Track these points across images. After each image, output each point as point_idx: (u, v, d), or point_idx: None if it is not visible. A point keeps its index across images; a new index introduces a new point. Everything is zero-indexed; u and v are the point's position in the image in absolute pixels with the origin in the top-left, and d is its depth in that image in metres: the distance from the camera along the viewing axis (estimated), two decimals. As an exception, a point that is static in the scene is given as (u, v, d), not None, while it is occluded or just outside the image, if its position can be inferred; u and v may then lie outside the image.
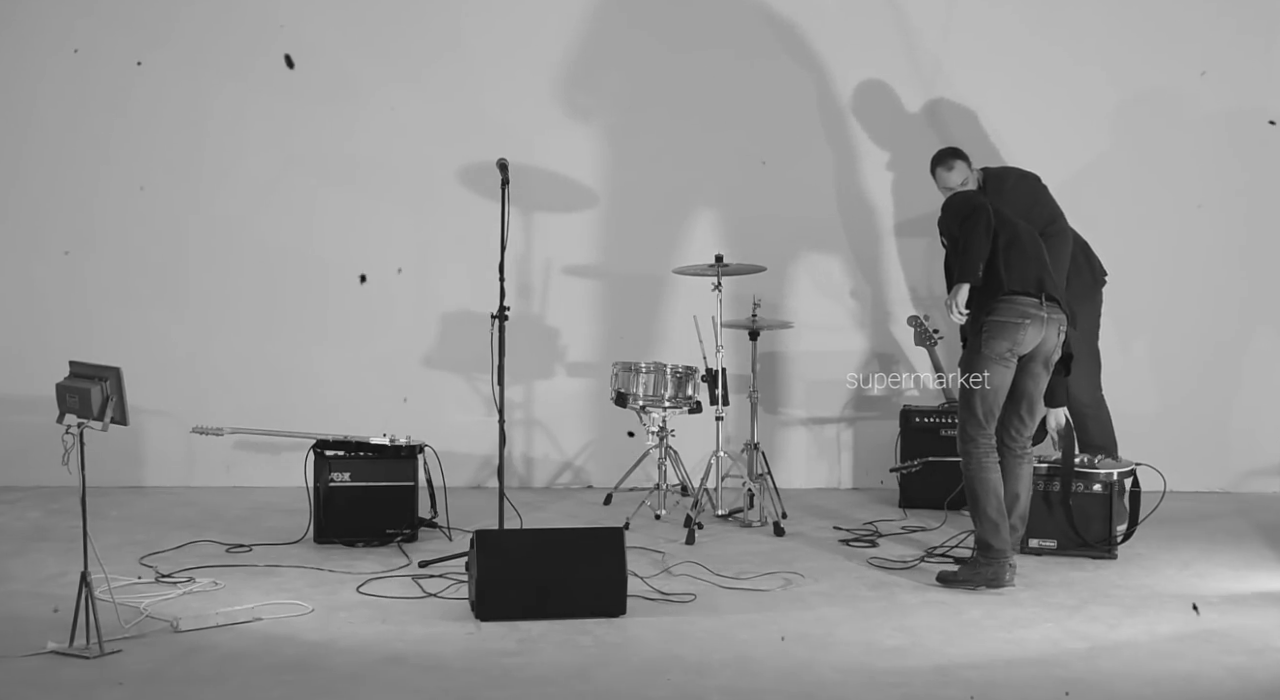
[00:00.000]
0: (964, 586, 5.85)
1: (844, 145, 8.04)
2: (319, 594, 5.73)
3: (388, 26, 8.01)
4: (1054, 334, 5.95)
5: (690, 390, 7.19)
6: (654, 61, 8.05)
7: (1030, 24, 7.99)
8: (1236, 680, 4.79)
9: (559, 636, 5.20)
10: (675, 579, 6.01)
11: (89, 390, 4.86)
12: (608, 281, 8.13)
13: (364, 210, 8.06)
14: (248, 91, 7.99)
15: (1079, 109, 7.93)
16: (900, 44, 7.97)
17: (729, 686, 4.71)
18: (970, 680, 4.75)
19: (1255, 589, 5.96)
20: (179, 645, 5.05)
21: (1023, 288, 5.88)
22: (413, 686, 4.68)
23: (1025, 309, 5.87)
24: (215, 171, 8.04)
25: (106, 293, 8.02)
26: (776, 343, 7.91)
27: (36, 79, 7.95)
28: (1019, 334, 5.87)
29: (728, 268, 7.15)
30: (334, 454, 6.65)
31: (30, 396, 7.38)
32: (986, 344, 5.87)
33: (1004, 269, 5.88)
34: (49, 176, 8.01)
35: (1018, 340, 5.87)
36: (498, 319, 6.30)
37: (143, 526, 6.94)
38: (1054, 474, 6.44)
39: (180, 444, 7.78)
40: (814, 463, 8.20)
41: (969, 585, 5.85)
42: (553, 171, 8.03)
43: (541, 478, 8.20)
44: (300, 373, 8.05)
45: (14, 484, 7.78)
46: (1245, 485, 7.97)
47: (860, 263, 8.10)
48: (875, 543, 6.77)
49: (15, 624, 5.26)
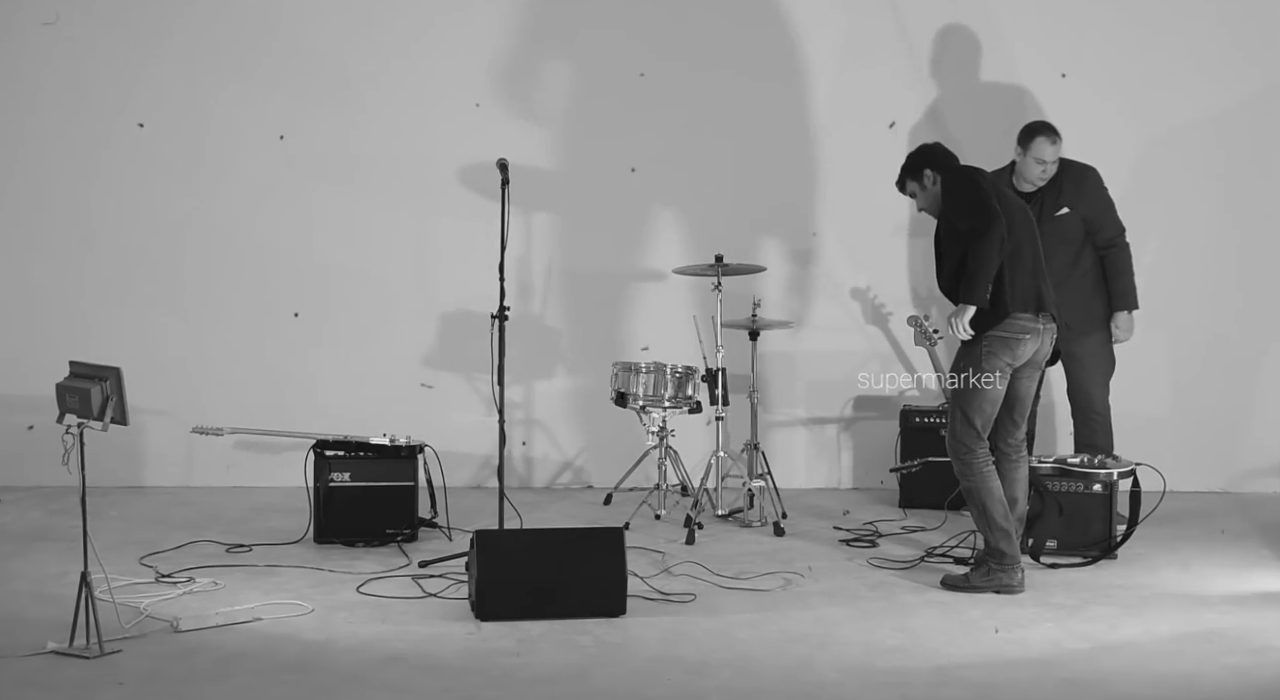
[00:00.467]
0: (975, 592, 5.83)
1: (845, 144, 8.04)
2: (319, 594, 5.73)
3: (388, 26, 8.01)
4: (1048, 342, 5.98)
5: (690, 390, 7.19)
6: (652, 62, 8.05)
7: (1028, 24, 8.01)
8: (1236, 680, 4.79)
9: (559, 636, 5.20)
10: (675, 579, 6.01)
11: (89, 390, 4.86)
12: (608, 281, 8.13)
13: (364, 210, 8.06)
14: (248, 91, 7.98)
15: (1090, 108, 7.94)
16: (901, 46, 7.99)
17: (729, 686, 4.71)
18: (970, 680, 4.76)
19: (1255, 589, 5.96)
20: (179, 645, 5.05)
21: (1024, 307, 5.85)
22: (413, 686, 4.68)
23: (1025, 325, 5.86)
24: (215, 171, 8.04)
25: (106, 293, 8.02)
26: (776, 343, 7.90)
27: (36, 79, 7.95)
28: (1019, 349, 5.86)
29: (728, 268, 7.15)
30: (334, 454, 6.65)
31: (30, 396, 7.38)
32: (986, 359, 5.83)
33: (1008, 289, 5.81)
34: (49, 176, 8.00)
35: (1016, 355, 5.87)
36: (498, 319, 6.30)
37: (143, 526, 6.93)
38: (1056, 474, 6.44)
39: (180, 444, 7.77)
40: (814, 463, 8.20)
41: (981, 592, 5.83)
42: (553, 171, 8.03)
43: (541, 478, 8.20)
44: (300, 373, 8.05)
45: (14, 484, 7.78)
46: (1245, 485, 7.97)
47: (860, 263, 8.10)
48: (875, 543, 6.77)
49: (15, 624, 5.26)
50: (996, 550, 5.86)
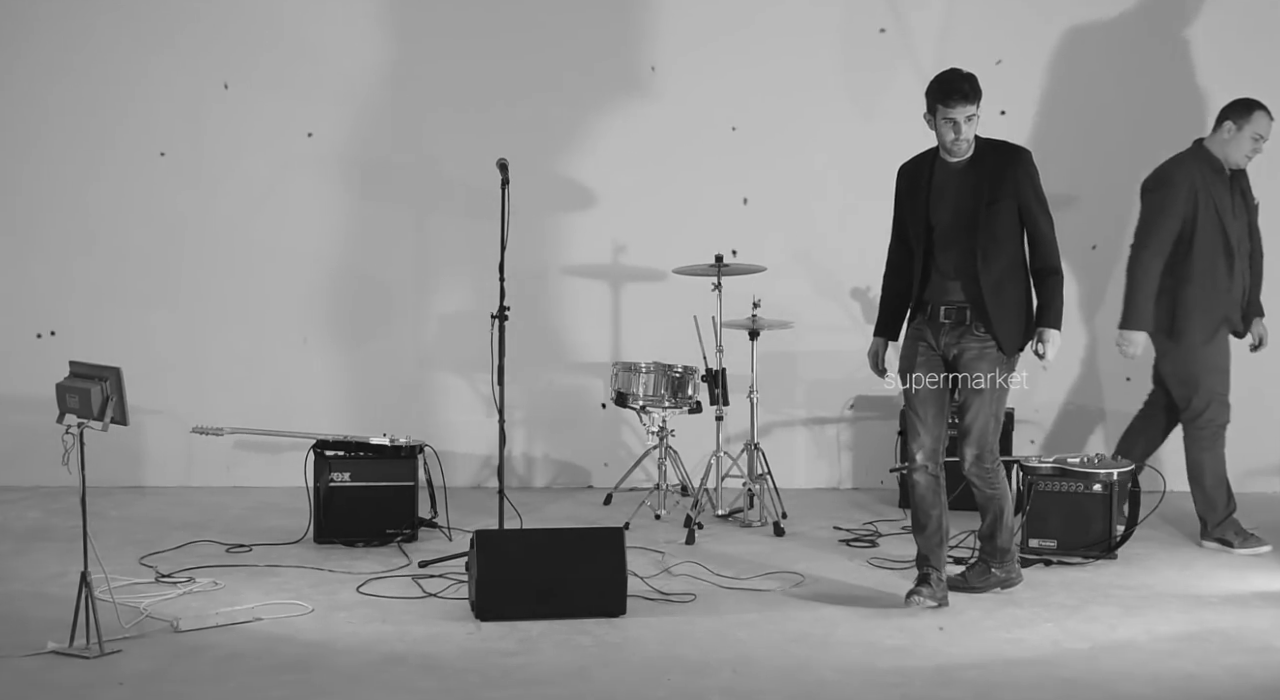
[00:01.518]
0: (975, 593, 5.80)
1: (845, 144, 8.04)
2: (319, 594, 5.73)
3: (388, 25, 8.01)
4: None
5: (690, 390, 7.19)
6: (653, 61, 8.05)
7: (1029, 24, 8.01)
8: (1236, 680, 4.79)
9: (559, 636, 5.20)
10: (675, 579, 6.01)
11: (89, 390, 4.86)
12: (608, 281, 8.13)
13: (365, 209, 8.06)
14: (248, 91, 7.99)
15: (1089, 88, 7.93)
16: (902, 46, 7.99)
17: (729, 686, 4.70)
18: (970, 680, 4.76)
19: (1255, 589, 5.97)
20: (179, 645, 5.05)
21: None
22: (413, 687, 4.68)
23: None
24: (216, 171, 8.04)
25: (105, 293, 8.02)
26: (776, 343, 7.90)
27: (36, 78, 7.95)
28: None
29: (728, 268, 7.15)
30: (334, 454, 6.66)
31: (30, 396, 7.38)
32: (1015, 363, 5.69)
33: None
34: (49, 176, 8.01)
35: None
36: (498, 319, 6.30)
37: (143, 526, 6.94)
38: (1056, 474, 6.45)
39: (180, 444, 7.78)
40: (814, 463, 8.20)
41: (982, 592, 5.80)
42: (553, 171, 8.03)
43: (541, 478, 8.20)
44: (300, 373, 8.05)
45: (14, 484, 7.78)
46: (1245, 485, 7.96)
47: (860, 263, 8.09)
48: (875, 543, 6.77)
49: (15, 624, 5.26)
50: (1007, 550, 5.82)
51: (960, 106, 5.45)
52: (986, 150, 5.59)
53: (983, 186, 5.51)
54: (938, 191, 5.59)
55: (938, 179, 5.60)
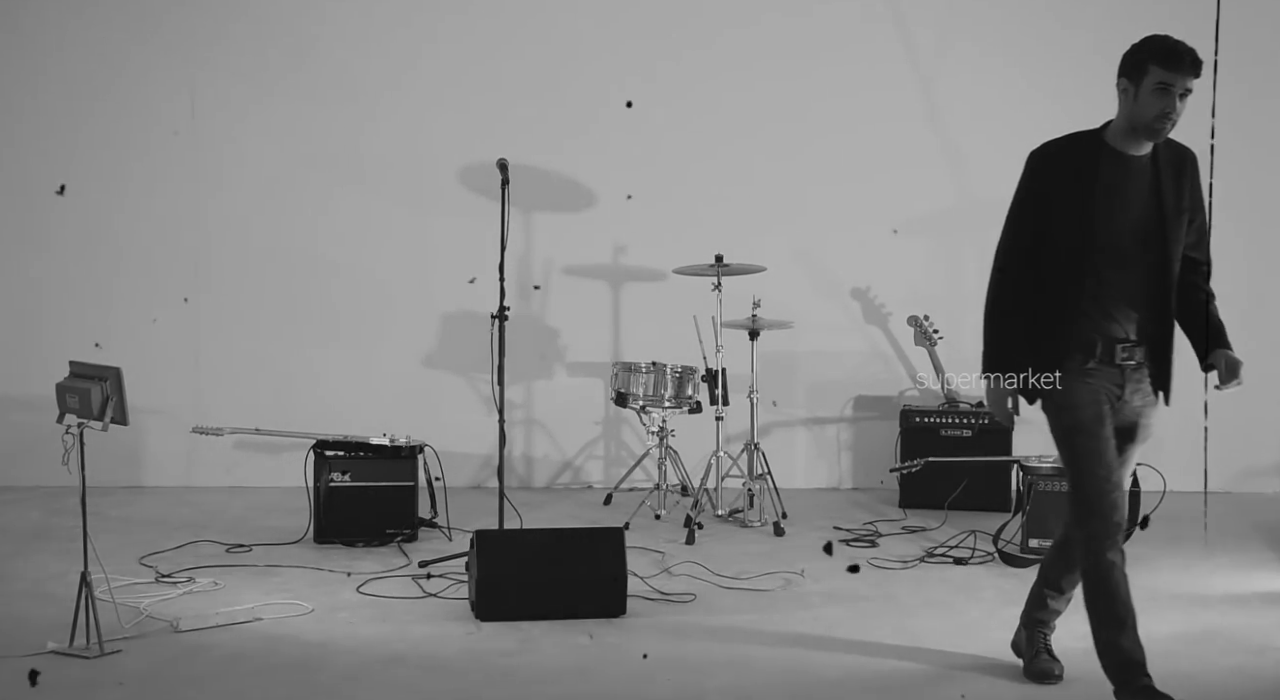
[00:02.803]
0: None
1: (845, 143, 8.04)
2: (319, 594, 5.73)
3: (389, 25, 8.01)
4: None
5: (690, 390, 7.19)
6: (651, 62, 8.05)
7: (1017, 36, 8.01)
8: (1236, 680, 4.79)
9: (559, 636, 5.20)
10: (675, 579, 6.01)
11: (89, 390, 4.86)
12: (608, 281, 8.13)
13: (364, 210, 8.06)
14: (249, 90, 7.99)
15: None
16: (902, 46, 8.00)
17: (729, 686, 4.70)
18: (970, 680, 4.75)
19: (1255, 589, 5.96)
20: (179, 645, 5.05)
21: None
22: (413, 686, 4.68)
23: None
24: (216, 171, 8.04)
25: (106, 292, 8.02)
26: (776, 343, 7.90)
27: (37, 78, 7.95)
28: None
29: (728, 268, 7.15)
30: (334, 454, 6.65)
31: (30, 396, 7.38)
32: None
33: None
34: (49, 176, 8.00)
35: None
36: (498, 319, 6.30)
37: (142, 526, 6.94)
38: (1056, 474, 6.44)
39: (180, 444, 7.78)
40: (814, 463, 8.20)
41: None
42: (553, 171, 8.03)
43: (541, 478, 8.20)
44: (300, 372, 8.05)
45: (14, 484, 7.78)
46: (1245, 485, 7.97)
47: (860, 263, 8.10)
48: (875, 543, 6.77)
49: (15, 624, 5.26)
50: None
51: (1184, 75, 4.21)
52: (1160, 145, 4.40)
53: (1174, 191, 4.39)
54: (1110, 191, 4.34)
55: (1108, 175, 4.35)
